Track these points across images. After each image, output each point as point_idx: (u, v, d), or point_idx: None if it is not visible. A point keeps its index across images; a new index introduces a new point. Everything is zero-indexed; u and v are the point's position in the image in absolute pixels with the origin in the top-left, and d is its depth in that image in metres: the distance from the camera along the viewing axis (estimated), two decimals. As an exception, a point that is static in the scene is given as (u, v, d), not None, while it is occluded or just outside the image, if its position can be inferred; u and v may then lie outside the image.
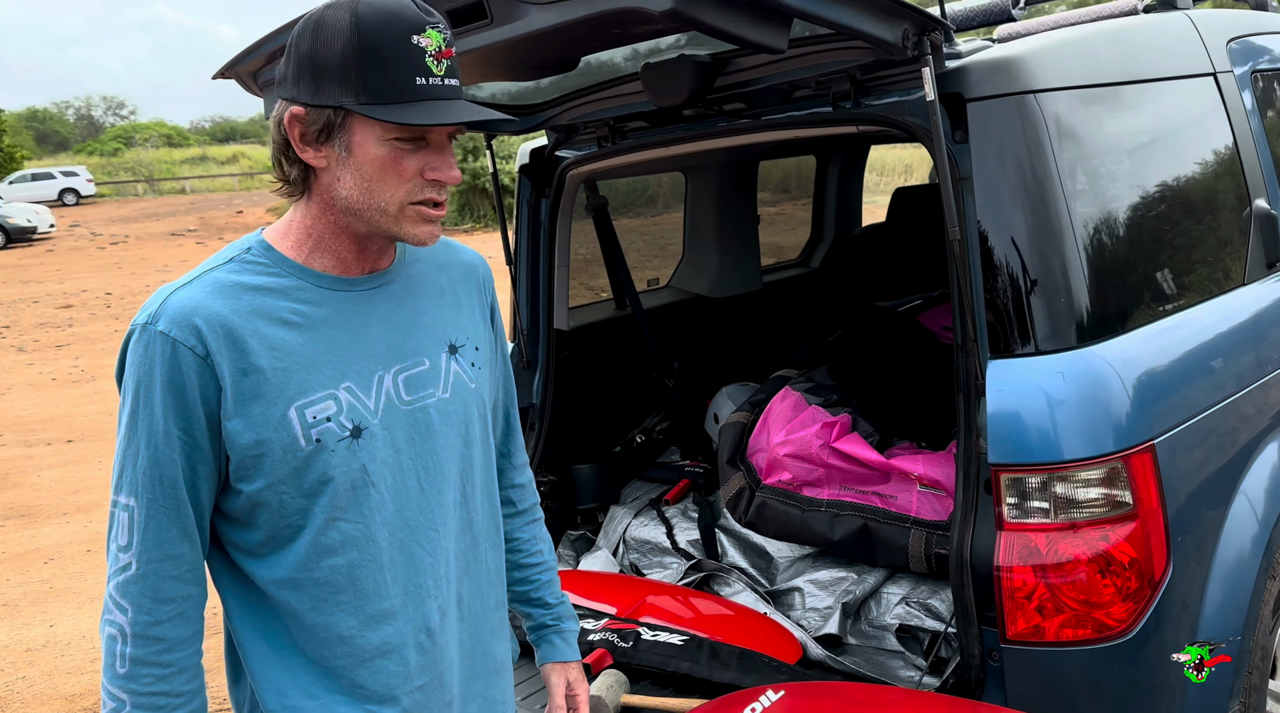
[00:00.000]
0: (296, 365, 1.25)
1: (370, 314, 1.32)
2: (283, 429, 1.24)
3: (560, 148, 2.80)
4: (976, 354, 1.95)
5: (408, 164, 1.22)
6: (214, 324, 1.22)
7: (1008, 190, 1.95)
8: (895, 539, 2.24)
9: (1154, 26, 2.39)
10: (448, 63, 1.22)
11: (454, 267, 1.46)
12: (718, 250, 3.65)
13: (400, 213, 1.25)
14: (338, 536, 1.28)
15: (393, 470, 1.31)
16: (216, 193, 40.20)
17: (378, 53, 1.18)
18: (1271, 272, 2.48)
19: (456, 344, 1.40)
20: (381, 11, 1.19)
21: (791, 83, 2.23)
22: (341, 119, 1.21)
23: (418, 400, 1.34)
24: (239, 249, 1.31)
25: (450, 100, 1.22)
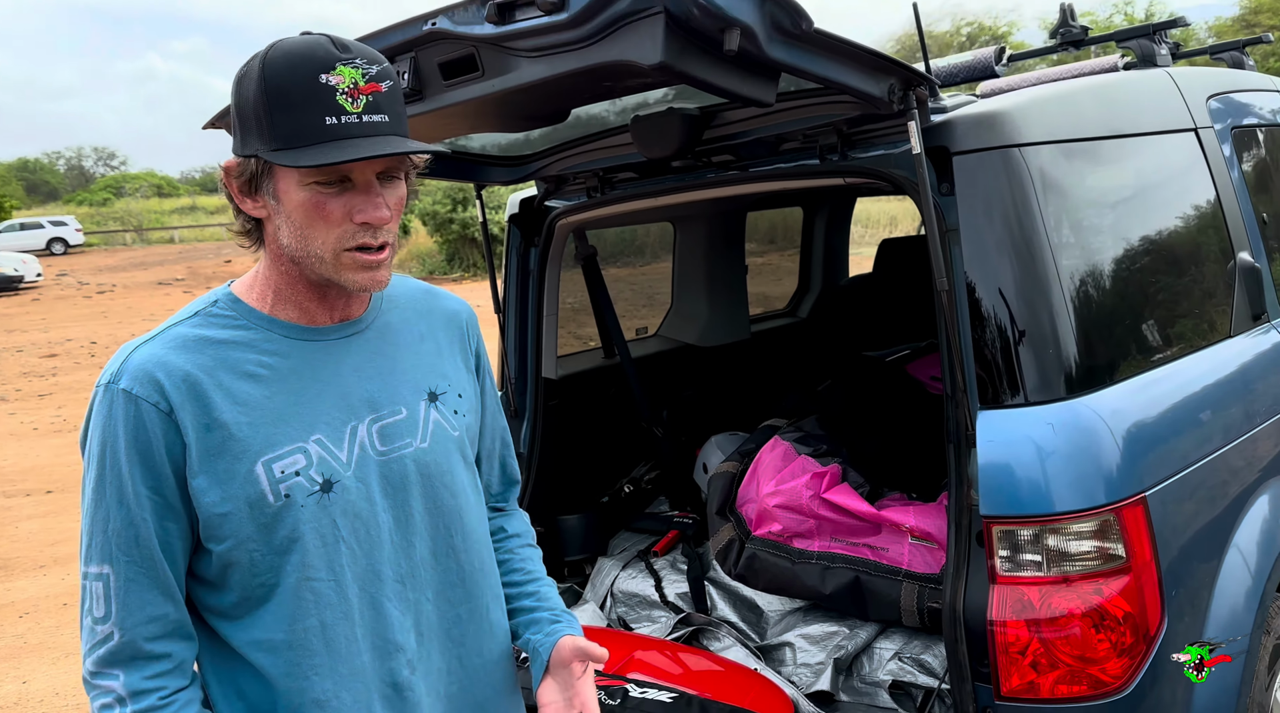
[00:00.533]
0: (263, 419, 1.22)
1: (342, 363, 1.30)
2: (250, 485, 1.20)
3: (550, 198, 2.81)
4: (966, 405, 1.95)
5: (332, 208, 1.19)
6: (176, 379, 1.20)
7: (994, 242, 1.96)
8: (887, 593, 2.21)
9: (1136, 83, 2.43)
10: (368, 99, 1.16)
11: (436, 313, 1.44)
12: (706, 300, 3.66)
13: (336, 260, 1.21)
14: (310, 595, 1.25)
15: (366, 523, 1.27)
16: (205, 242, 40.24)
17: (284, 96, 1.15)
18: (1257, 323, 2.49)
19: (437, 391, 1.37)
20: (289, 54, 1.16)
21: (779, 135, 2.26)
22: (262, 168, 1.19)
23: (394, 451, 1.31)
24: (205, 303, 1.29)
25: (366, 138, 1.16)
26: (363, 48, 1.21)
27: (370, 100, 1.17)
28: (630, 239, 4.05)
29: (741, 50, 1.51)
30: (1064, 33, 2.93)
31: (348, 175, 1.19)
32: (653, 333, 3.68)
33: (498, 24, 1.61)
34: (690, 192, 2.55)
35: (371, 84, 1.17)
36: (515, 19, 1.60)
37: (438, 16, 1.71)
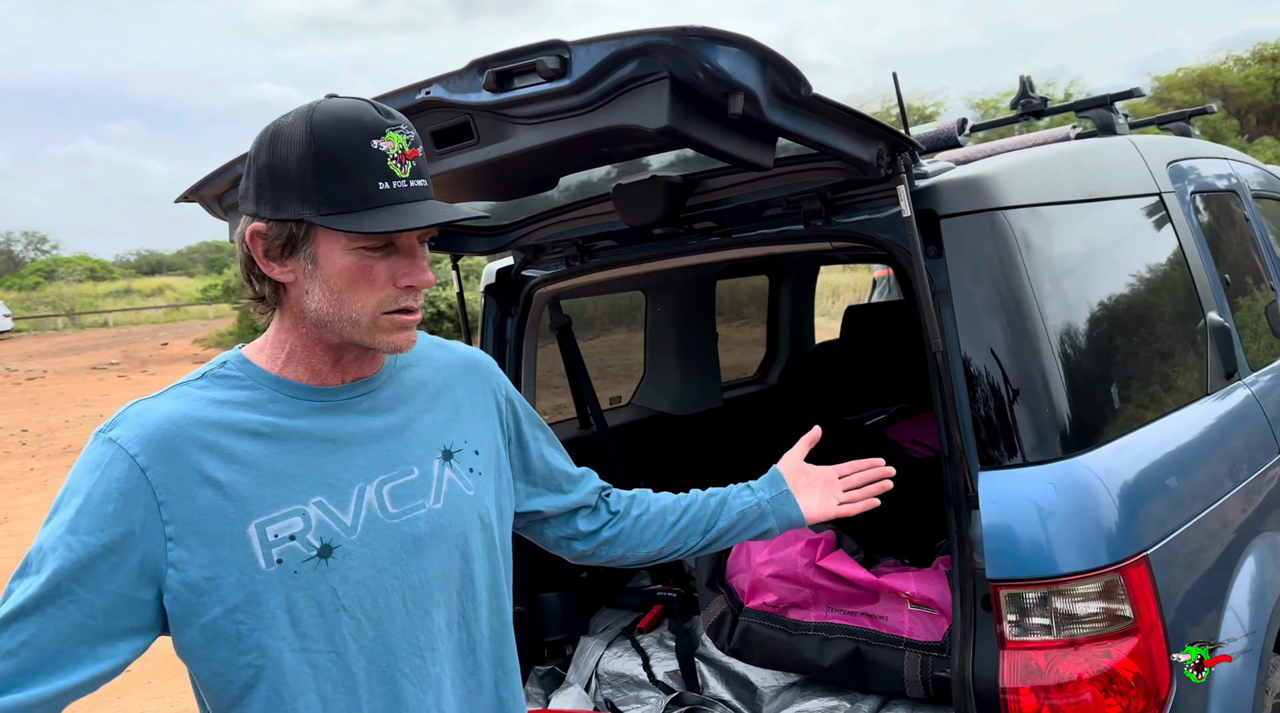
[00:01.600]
0: (260, 480, 1.17)
1: (351, 423, 1.25)
2: (240, 548, 1.14)
3: (526, 267, 2.79)
4: (966, 466, 1.93)
5: (378, 272, 1.18)
6: (167, 435, 1.15)
7: (984, 303, 1.98)
8: (890, 663, 2.16)
9: (1103, 149, 2.51)
10: (413, 163, 1.18)
11: (452, 367, 1.40)
12: (679, 368, 3.64)
13: (373, 323, 1.20)
14: (308, 668, 1.17)
15: (373, 592, 1.21)
16: (141, 326, 39.47)
17: (335, 161, 1.14)
18: (1229, 382, 2.54)
19: (452, 449, 1.33)
20: (338, 119, 1.16)
21: (763, 202, 2.27)
22: (304, 232, 1.17)
23: (405, 513, 1.25)
24: (215, 364, 1.26)
25: (416, 203, 1.18)
26: (400, 114, 1.22)
27: (414, 166, 1.19)
28: (596, 310, 4.04)
29: (744, 115, 1.52)
30: (1024, 103, 3.02)
31: (394, 240, 1.19)
32: (626, 402, 3.64)
33: (496, 92, 1.60)
34: (671, 258, 2.55)
35: (414, 150, 1.19)
36: (514, 86, 1.59)
37: (432, 85, 1.70)
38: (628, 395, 3.68)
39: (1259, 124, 33.55)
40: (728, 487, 1.67)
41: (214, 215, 2.23)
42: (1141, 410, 2.19)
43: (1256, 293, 3.03)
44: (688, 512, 1.62)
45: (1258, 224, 3.21)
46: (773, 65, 1.51)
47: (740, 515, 1.63)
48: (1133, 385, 2.22)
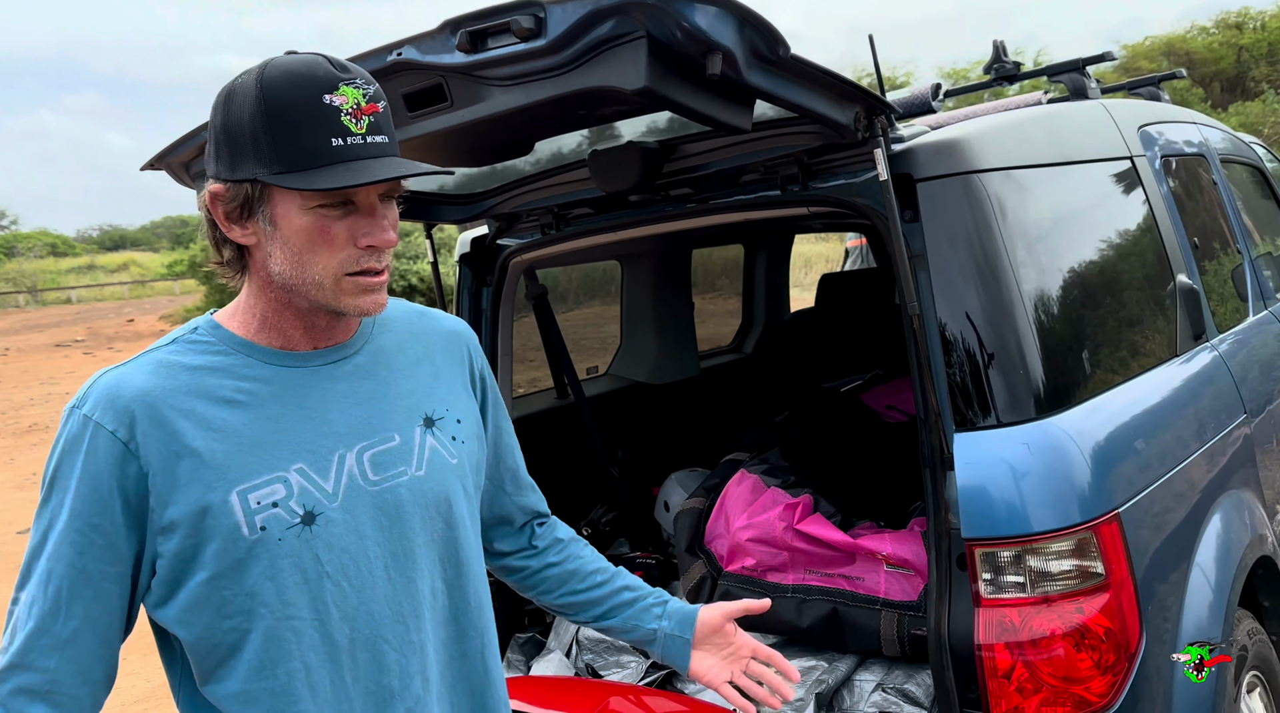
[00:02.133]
0: (239, 447, 1.16)
1: (329, 390, 1.23)
2: (223, 515, 1.13)
3: (501, 236, 2.77)
4: (941, 428, 1.95)
5: (336, 232, 1.15)
6: (143, 406, 1.14)
7: (959, 267, 1.99)
8: (867, 623, 2.19)
9: (1076, 113, 2.52)
10: (370, 119, 1.14)
11: (432, 335, 1.38)
12: (655, 337, 3.65)
13: (337, 286, 1.17)
14: (291, 636, 1.16)
15: (355, 559, 1.20)
16: (105, 302, 38.82)
17: (286, 118, 1.11)
18: (1198, 343, 2.58)
19: (434, 417, 1.31)
20: (289, 74, 1.13)
21: (739, 167, 2.26)
22: (259, 192, 1.14)
23: (386, 480, 1.24)
24: (186, 330, 1.24)
25: (374, 159, 1.14)
26: (358, 68, 1.17)
27: (372, 121, 1.14)
28: (569, 280, 4.03)
29: (722, 75, 1.51)
30: (998, 68, 3.03)
31: (352, 198, 1.15)
32: (603, 372, 3.64)
33: (469, 53, 1.58)
34: (646, 226, 2.54)
35: (371, 104, 1.15)
36: (488, 47, 1.57)
37: (404, 46, 1.67)
38: (604, 366, 3.68)
39: (1223, 92, 33.90)
40: (642, 591, 1.55)
41: (181, 183, 2.19)
42: (1113, 372, 2.22)
43: (1223, 257, 3.08)
44: (594, 590, 1.53)
45: (1225, 188, 3.24)
46: (751, 25, 1.50)
47: (633, 630, 1.53)
48: (1104, 347, 2.25)
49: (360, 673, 1.21)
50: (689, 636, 1.50)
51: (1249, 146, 3.95)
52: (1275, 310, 3.23)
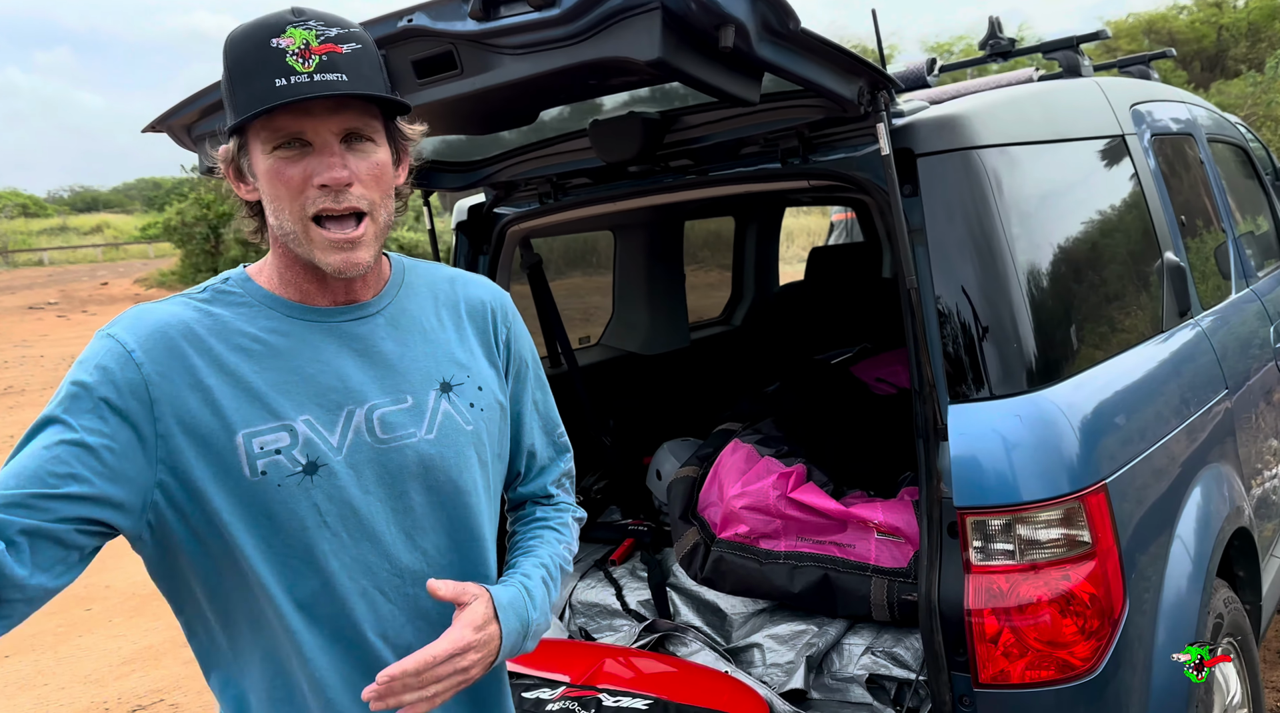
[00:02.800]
0: (250, 392, 1.19)
1: (345, 346, 1.26)
2: (226, 455, 1.17)
3: (498, 204, 2.77)
4: (935, 400, 1.99)
5: (291, 174, 1.17)
6: (163, 336, 1.18)
7: (956, 241, 2.02)
8: (857, 589, 2.24)
9: (1071, 90, 2.55)
10: (320, 59, 1.15)
11: (460, 302, 1.40)
12: (647, 308, 3.67)
13: (307, 235, 1.19)
14: (288, 577, 1.20)
15: (356, 512, 1.23)
16: (78, 264, 38.26)
17: (241, 67, 1.16)
18: (1183, 320, 2.63)
19: (452, 382, 1.33)
20: (246, 26, 1.17)
21: (739, 140, 2.27)
22: (236, 146, 1.20)
23: (394, 440, 1.26)
24: (218, 280, 1.28)
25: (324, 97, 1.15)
26: (329, 14, 1.19)
27: (324, 60, 1.15)
28: (562, 250, 4.03)
29: (734, 48, 1.52)
30: (993, 44, 3.05)
31: (305, 138, 1.17)
32: (595, 342, 3.67)
33: (482, 20, 1.58)
34: (644, 197, 2.55)
35: (327, 45, 1.15)
36: (501, 15, 1.57)
37: (415, 12, 1.67)
38: (597, 335, 3.70)
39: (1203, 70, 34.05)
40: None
41: (182, 146, 2.18)
42: (1102, 346, 2.27)
43: (1207, 235, 3.13)
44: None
45: (1211, 167, 3.29)
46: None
47: None
48: (1094, 322, 2.29)
49: (360, 620, 1.24)
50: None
51: (1234, 126, 4.00)
52: (1256, 288, 3.29)
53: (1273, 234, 3.99)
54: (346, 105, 1.16)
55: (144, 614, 4.97)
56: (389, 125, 1.25)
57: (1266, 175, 4.15)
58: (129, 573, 5.36)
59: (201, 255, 27.55)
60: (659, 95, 2.27)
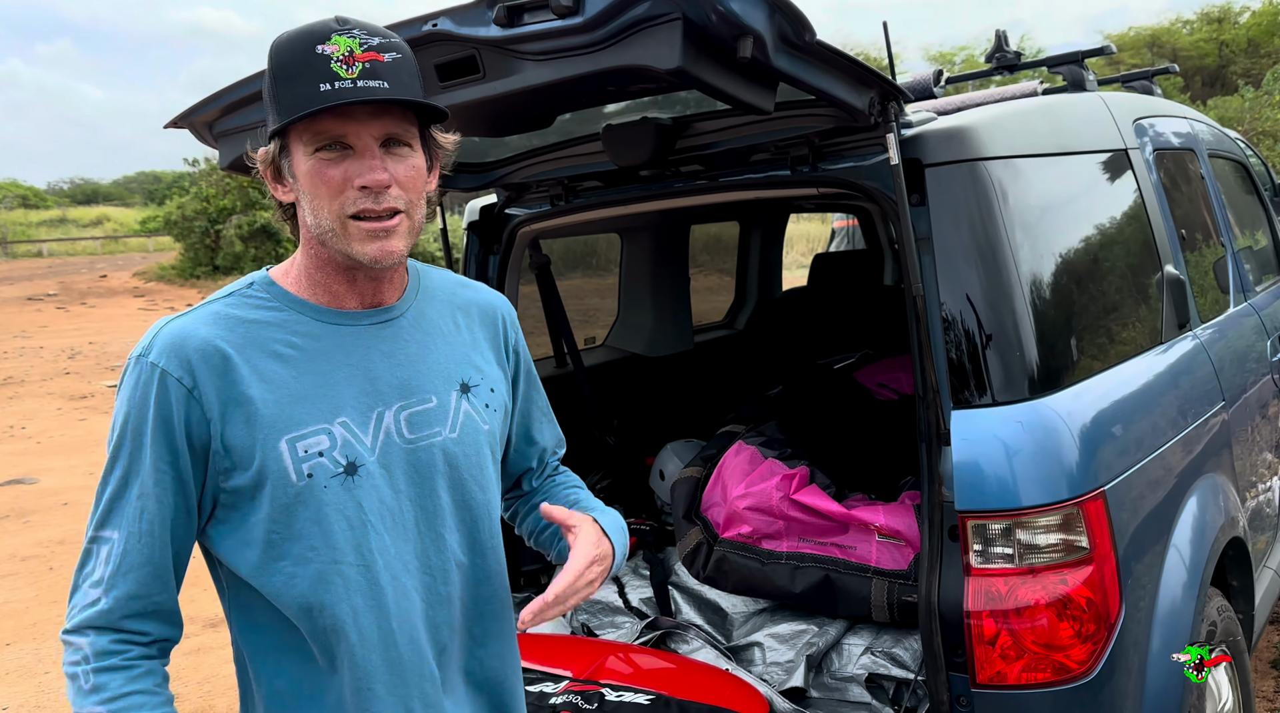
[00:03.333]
0: (288, 397, 1.22)
1: (373, 349, 1.30)
2: (273, 461, 1.20)
3: (510, 206, 2.81)
4: (938, 405, 2.03)
5: (333, 175, 1.21)
6: (204, 354, 1.21)
7: (962, 251, 2.06)
8: (858, 590, 2.28)
9: (1076, 104, 2.59)
10: (364, 66, 1.19)
11: (473, 306, 1.44)
12: (653, 310, 3.71)
13: (345, 231, 1.23)
14: (339, 580, 1.24)
15: (391, 511, 1.27)
16: (78, 257, 38.25)
17: (286, 71, 1.20)
18: (1182, 332, 2.68)
19: (470, 383, 1.37)
20: (293, 33, 1.22)
21: (750, 147, 2.31)
22: (278, 147, 1.24)
23: (421, 439, 1.30)
24: (242, 284, 1.30)
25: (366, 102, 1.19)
26: (370, 24, 1.24)
27: (367, 67, 1.19)
28: (567, 252, 4.07)
29: (751, 58, 1.56)
30: (999, 57, 3.09)
31: (346, 142, 1.21)
32: (600, 343, 3.70)
33: (506, 26, 1.62)
34: (654, 201, 2.59)
35: (370, 53, 1.19)
36: (525, 22, 1.61)
37: (439, 18, 1.71)
38: (601, 337, 3.74)
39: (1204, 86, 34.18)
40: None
41: (204, 142, 2.22)
42: (1102, 356, 2.31)
43: (1206, 249, 3.17)
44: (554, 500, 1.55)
45: (1211, 182, 3.34)
46: (780, 10, 1.55)
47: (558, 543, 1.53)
48: (1095, 332, 2.33)
49: (404, 620, 1.27)
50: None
51: (1233, 142, 4.05)
52: (1254, 303, 3.34)
53: (1270, 250, 4.04)
54: (386, 111, 1.20)
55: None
56: (424, 132, 1.29)
57: (1265, 191, 4.20)
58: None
59: (201, 250, 27.54)
60: (671, 101, 2.31)
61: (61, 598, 5.10)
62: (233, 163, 2.19)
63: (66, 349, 15.91)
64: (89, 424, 10.01)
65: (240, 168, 2.22)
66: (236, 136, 2.14)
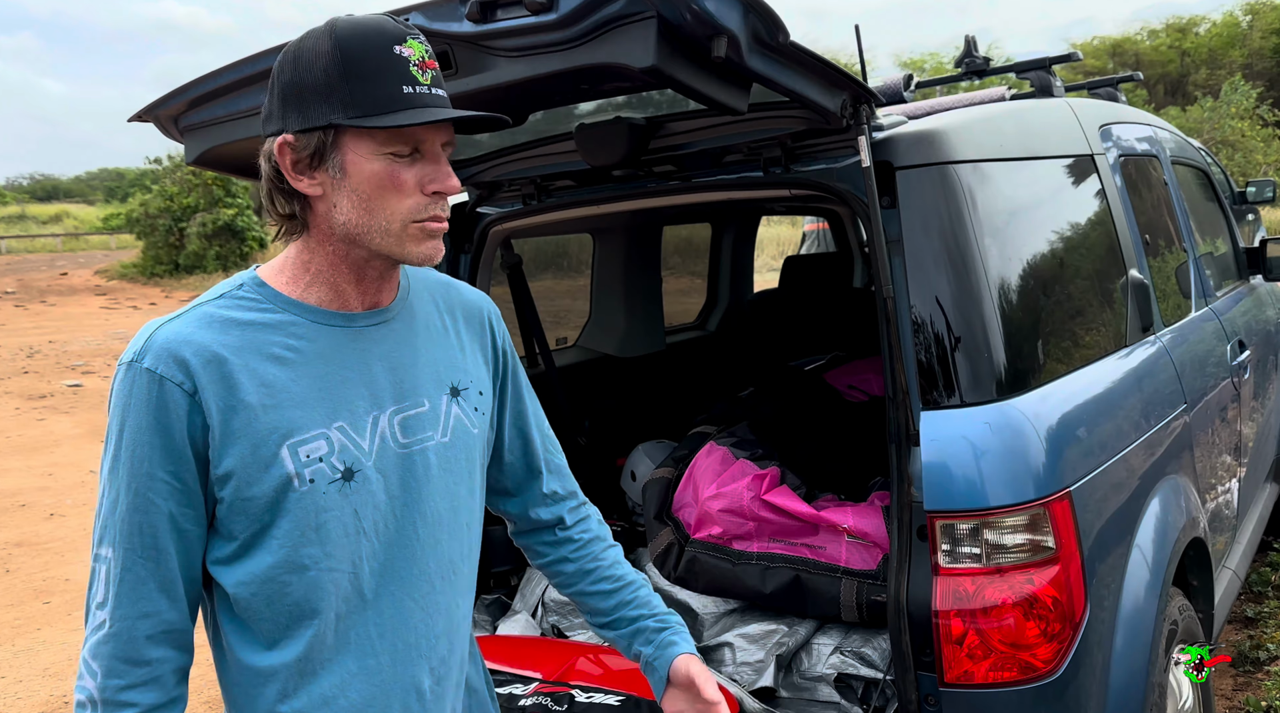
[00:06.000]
0: (287, 402, 1.20)
1: (368, 352, 1.27)
2: (275, 467, 1.18)
3: (481, 204, 2.80)
4: (908, 406, 2.04)
5: (406, 178, 1.20)
6: (203, 358, 1.17)
7: (932, 253, 2.08)
8: (827, 590, 2.29)
9: (1044, 110, 2.63)
10: (432, 73, 1.21)
11: (458, 307, 1.43)
12: (624, 311, 3.71)
13: (404, 231, 1.21)
14: (330, 587, 1.21)
15: (385, 517, 1.25)
16: (37, 254, 37.62)
17: (361, 66, 1.17)
18: (1145, 335, 2.72)
19: (459, 387, 1.36)
20: (360, 27, 1.19)
21: (723, 148, 2.32)
22: (333, 138, 1.19)
23: (415, 443, 1.28)
24: (231, 286, 1.26)
25: (440, 108, 1.20)
26: (414, 26, 1.24)
27: (434, 75, 1.21)
28: (538, 252, 4.06)
29: (725, 58, 1.56)
30: (968, 63, 3.13)
31: (419, 146, 1.21)
32: (572, 343, 3.70)
33: (479, 22, 1.61)
34: (627, 201, 2.59)
35: (432, 60, 1.22)
36: (498, 18, 1.60)
37: (412, 12, 1.70)
38: (573, 337, 3.74)
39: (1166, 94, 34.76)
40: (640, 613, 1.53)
41: (169, 136, 2.19)
42: (1068, 358, 2.34)
43: (1168, 254, 3.23)
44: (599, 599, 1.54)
45: (1174, 188, 3.40)
46: (754, 11, 1.56)
47: (623, 648, 1.55)
48: (1061, 335, 2.36)
49: (386, 628, 1.25)
50: (663, 674, 1.48)
51: (1196, 150, 4.12)
52: (1215, 307, 3.40)
53: (1230, 255, 4.11)
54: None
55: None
56: None
57: (1225, 198, 4.28)
58: (89, 567, 5.26)
59: (164, 248, 27.18)
60: (644, 101, 2.31)
61: (17, 603, 5.00)
62: (199, 157, 2.16)
63: (25, 348, 15.63)
64: (48, 425, 9.84)
65: (207, 163, 2.20)
66: (203, 131, 2.11)
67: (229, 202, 27.34)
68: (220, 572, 1.22)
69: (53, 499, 6.90)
